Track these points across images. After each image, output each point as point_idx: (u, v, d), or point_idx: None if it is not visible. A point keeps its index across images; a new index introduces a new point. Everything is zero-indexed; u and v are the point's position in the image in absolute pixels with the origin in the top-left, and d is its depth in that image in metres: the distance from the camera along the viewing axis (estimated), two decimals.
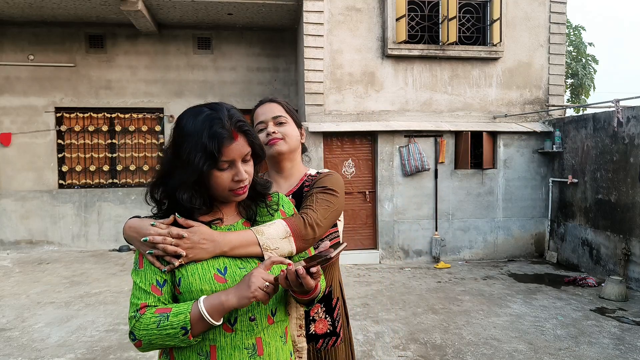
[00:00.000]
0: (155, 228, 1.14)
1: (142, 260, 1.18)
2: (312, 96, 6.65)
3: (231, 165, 1.16)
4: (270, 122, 1.59)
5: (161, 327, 1.07)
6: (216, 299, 1.08)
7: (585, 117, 6.28)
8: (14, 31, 7.66)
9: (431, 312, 4.62)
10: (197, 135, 1.12)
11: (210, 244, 1.14)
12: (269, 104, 1.62)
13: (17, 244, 7.75)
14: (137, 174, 8.10)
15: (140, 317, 1.11)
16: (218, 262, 1.16)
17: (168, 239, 1.11)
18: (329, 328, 1.55)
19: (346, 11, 6.69)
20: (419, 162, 6.59)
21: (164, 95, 8.04)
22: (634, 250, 5.38)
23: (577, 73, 17.73)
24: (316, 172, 1.63)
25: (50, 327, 4.20)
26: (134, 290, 1.17)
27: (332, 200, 1.46)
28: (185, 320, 1.07)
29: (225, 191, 1.17)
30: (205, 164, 1.11)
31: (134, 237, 1.18)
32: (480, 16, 6.98)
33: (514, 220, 7.00)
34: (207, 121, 1.13)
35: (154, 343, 1.10)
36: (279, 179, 1.63)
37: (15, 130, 7.73)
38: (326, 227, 1.40)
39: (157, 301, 1.13)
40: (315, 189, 1.50)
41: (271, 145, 1.55)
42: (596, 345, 3.80)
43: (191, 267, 1.14)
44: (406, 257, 6.79)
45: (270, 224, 1.26)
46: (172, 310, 1.09)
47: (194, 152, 1.11)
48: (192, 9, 7.12)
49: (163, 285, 1.15)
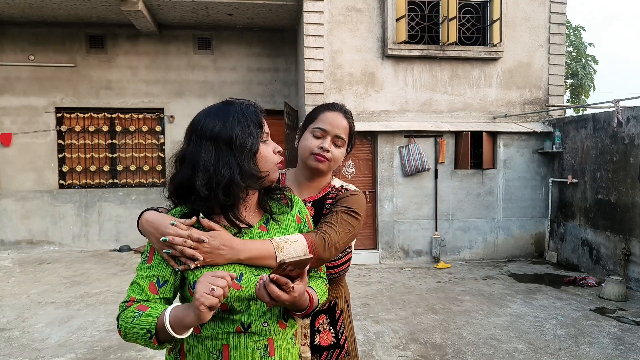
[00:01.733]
0: (175, 228, 1.11)
1: (152, 254, 1.17)
2: (312, 96, 6.65)
3: (268, 139, 1.24)
4: (330, 138, 1.52)
5: (134, 324, 1.08)
6: (179, 312, 1.04)
7: (585, 117, 6.28)
8: (15, 31, 7.66)
9: (431, 312, 4.62)
10: (240, 116, 1.19)
11: (229, 250, 1.14)
12: (341, 118, 1.55)
13: (18, 244, 7.76)
14: (137, 174, 8.10)
15: (125, 309, 1.13)
16: (234, 267, 1.16)
17: (188, 242, 1.10)
18: (333, 340, 1.54)
19: (346, 11, 6.69)
20: (419, 162, 6.59)
21: (165, 96, 8.05)
22: (633, 250, 5.39)
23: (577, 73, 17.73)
24: (340, 185, 1.60)
25: (50, 327, 4.21)
26: (134, 280, 1.18)
27: (354, 224, 1.44)
28: (151, 324, 1.06)
29: (272, 165, 1.22)
30: (258, 136, 1.19)
31: (151, 232, 1.16)
32: (480, 16, 6.98)
33: (514, 220, 7.00)
34: (239, 105, 1.22)
35: (129, 337, 1.10)
36: (304, 185, 1.60)
37: (15, 131, 7.74)
38: (342, 249, 1.40)
39: (147, 300, 1.13)
40: (340, 206, 1.46)
41: (316, 160, 1.51)
42: (596, 345, 3.80)
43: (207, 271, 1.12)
44: (406, 257, 6.80)
45: (292, 240, 1.24)
46: (147, 310, 1.09)
47: (245, 129, 1.17)
48: (192, 9, 7.12)
49: (162, 285, 1.15)
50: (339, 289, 1.58)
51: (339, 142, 1.53)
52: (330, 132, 1.52)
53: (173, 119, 8.04)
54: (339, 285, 1.59)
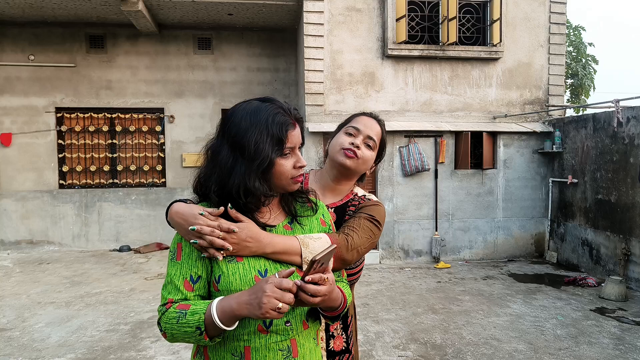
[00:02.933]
0: (204, 218, 1.11)
1: (180, 251, 1.16)
2: (312, 96, 6.65)
3: (292, 153, 1.19)
4: (362, 137, 1.55)
5: (180, 324, 1.07)
6: (227, 306, 1.05)
7: (585, 117, 6.28)
8: (15, 31, 7.66)
9: (431, 312, 4.62)
10: (262, 124, 1.14)
11: (256, 243, 1.14)
12: (375, 123, 1.59)
13: (18, 244, 7.76)
14: (137, 174, 8.10)
15: (165, 311, 1.12)
16: (259, 262, 1.15)
17: (216, 232, 1.10)
18: (344, 345, 1.56)
19: (346, 11, 6.69)
20: (419, 162, 6.59)
21: (165, 96, 8.05)
22: (633, 250, 5.38)
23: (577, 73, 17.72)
24: (363, 194, 1.62)
25: (50, 327, 4.21)
26: (166, 281, 1.16)
27: (375, 232, 1.45)
28: (199, 321, 1.06)
29: (288, 179, 1.18)
30: (274, 150, 1.14)
31: (180, 223, 1.16)
32: (480, 16, 6.98)
33: (514, 220, 7.00)
34: (270, 111, 1.16)
35: (176, 337, 1.10)
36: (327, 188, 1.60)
37: (15, 131, 7.74)
38: (362, 254, 1.40)
39: (184, 298, 1.13)
40: (363, 213, 1.48)
41: (345, 155, 1.53)
42: (596, 345, 3.80)
43: (232, 266, 1.13)
44: (406, 257, 6.80)
45: (317, 238, 1.24)
46: (190, 308, 1.08)
47: (262, 141, 1.13)
48: (192, 9, 7.12)
49: (197, 282, 1.14)
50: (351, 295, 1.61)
51: (370, 143, 1.55)
52: (363, 132, 1.55)
53: (173, 119, 8.04)
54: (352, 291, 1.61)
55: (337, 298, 1.18)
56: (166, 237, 7.86)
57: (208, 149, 1.21)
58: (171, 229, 1.27)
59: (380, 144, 1.60)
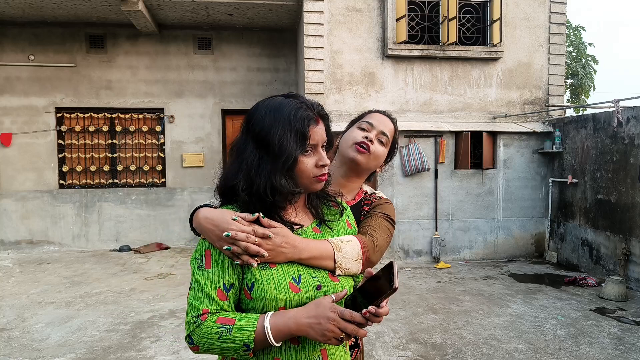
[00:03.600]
0: (237, 224, 1.07)
1: (209, 259, 1.10)
2: (312, 96, 6.65)
3: (314, 150, 1.15)
4: (375, 132, 1.54)
5: (222, 340, 1.03)
6: (284, 325, 1.03)
7: (585, 117, 6.28)
8: (15, 31, 7.67)
9: (431, 312, 4.62)
10: (286, 120, 1.11)
11: (291, 249, 1.11)
12: (388, 120, 1.59)
13: (18, 244, 7.76)
14: (137, 174, 8.10)
15: (200, 324, 1.06)
16: (292, 269, 1.12)
17: (251, 238, 1.06)
18: (353, 341, 1.56)
19: (346, 11, 6.69)
20: (419, 162, 6.59)
21: (165, 96, 8.05)
22: (634, 250, 5.38)
23: (577, 73, 17.72)
24: (372, 192, 1.60)
25: (50, 327, 4.21)
26: (195, 291, 1.09)
27: (391, 231, 1.46)
28: (249, 339, 1.02)
29: (310, 178, 1.15)
30: (298, 146, 1.10)
31: (210, 229, 1.10)
32: (480, 16, 6.98)
33: (514, 220, 7.00)
34: (293, 106, 1.13)
35: (212, 351, 1.07)
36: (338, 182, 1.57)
37: (15, 131, 7.74)
38: (383, 254, 1.38)
39: (220, 308, 1.08)
40: (378, 212, 1.47)
41: (356, 150, 1.51)
42: (596, 345, 3.80)
43: (266, 273, 1.09)
44: (406, 257, 6.80)
45: (347, 241, 1.22)
46: (236, 323, 1.04)
47: (285, 137, 1.09)
48: (192, 9, 7.13)
49: (229, 290, 1.09)
50: None
51: (383, 138, 1.54)
52: (377, 127, 1.55)
53: (173, 119, 8.04)
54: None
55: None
56: (166, 237, 7.86)
57: (233, 147, 1.19)
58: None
59: (393, 141, 1.60)
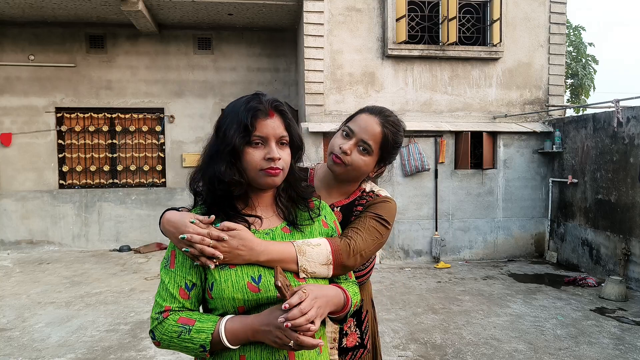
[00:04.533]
0: (194, 226, 1.10)
1: (174, 259, 1.15)
2: (312, 96, 6.65)
3: (264, 144, 1.15)
4: (354, 140, 1.42)
5: (181, 339, 1.07)
6: (241, 332, 1.06)
7: (585, 117, 6.28)
8: (15, 31, 7.66)
9: (431, 312, 4.62)
10: (235, 112, 1.15)
11: (248, 252, 1.10)
12: (374, 123, 1.43)
13: (18, 244, 7.76)
14: (137, 174, 8.10)
15: (162, 321, 1.10)
16: (252, 269, 1.12)
17: (206, 240, 1.07)
18: (358, 341, 1.53)
19: (346, 11, 6.69)
20: (419, 162, 6.59)
21: (165, 96, 8.05)
22: (634, 250, 5.38)
23: (577, 73, 17.71)
24: (371, 189, 1.52)
25: (50, 327, 4.21)
26: (160, 289, 1.14)
27: (382, 232, 1.37)
28: (206, 340, 1.06)
29: (256, 170, 1.14)
30: (239, 136, 1.11)
31: (171, 231, 1.15)
32: (480, 16, 6.98)
33: (514, 220, 7.00)
34: (246, 99, 1.17)
35: (172, 347, 1.11)
36: (333, 186, 1.51)
37: (15, 131, 7.74)
38: (368, 257, 1.33)
39: (182, 306, 1.12)
40: (369, 212, 1.39)
41: (333, 162, 1.43)
42: (596, 345, 3.80)
43: (225, 273, 1.10)
44: (406, 257, 6.80)
45: (315, 244, 1.19)
46: (195, 324, 1.07)
47: (230, 127, 1.13)
48: (192, 9, 7.12)
49: (192, 289, 1.13)
50: (364, 292, 1.56)
51: (365, 147, 1.41)
52: (357, 135, 1.42)
53: (173, 119, 8.04)
54: (365, 287, 1.57)
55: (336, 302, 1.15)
56: (166, 237, 7.85)
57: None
58: None
59: (382, 147, 1.44)
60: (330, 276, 1.23)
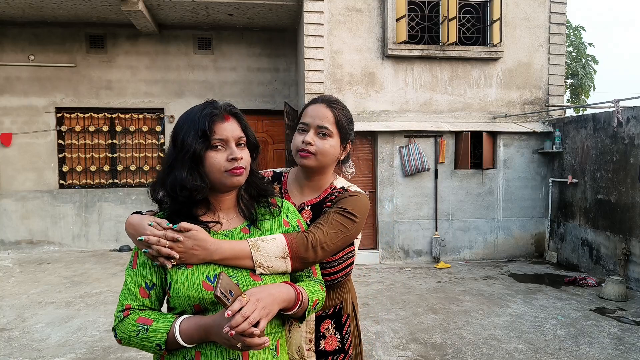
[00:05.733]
0: (151, 228, 1.15)
1: (136, 259, 1.21)
2: (312, 96, 6.64)
3: (225, 146, 1.19)
4: (312, 130, 1.45)
5: (139, 338, 1.12)
6: (195, 331, 1.10)
7: (585, 117, 6.28)
8: (15, 31, 7.67)
9: (431, 312, 4.62)
10: (190, 119, 1.19)
11: (202, 251, 1.15)
12: (322, 108, 1.46)
13: (18, 244, 7.76)
14: (137, 174, 8.10)
15: (123, 319, 1.16)
16: (208, 268, 1.16)
17: (162, 241, 1.12)
18: (338, 345, 1.51)
19: (346, 11, 6.69)
20: (419, 162, 6.59)
21: (165, 96, 8.05)
22: (634, 250, 5.39)
23: (577, 73, 17.70)
24: (342, 186, 1.54)
25: (50, 327, 4.21)
26: (123, 288, 1.20)
27: (347, 225, 1.37)
28: (161, 340, 1.11)
29: (221, 172, 1.18)
30: (199, 142, 1.15)
31: (132, 233, 1.21)
32: (480, 16, 6.98)
33: (514, 220, 7.00)
34: (199, 107, 1.21)
35: (132, 345, 1.16)
36: (304, 185, 1.54)
37: (15, 131, 7.74)
38: (332, 251, 1.35)
39: (142, 305, 1.17)
40: (334, 207, 1.41)
41: (301, 157, 1.46)
42: (596, 345, 3.80)
43: (181, 273, 1.15)
44: (406, 257, 6.80)
45: (270, 239, 1.22)
46: (152, 324, 1.12)
47: (187, 134, 1.16)
48: (192, 9, 7.12)
49: (151, 289, 1.18)
50: (343, 293, 1.54)
51: (324, 131, 1.45)
52: (312, 124, 1.45)
53: (173, 119, 8.04)
54: (344, 289, 1.55)
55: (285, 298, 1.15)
56: None
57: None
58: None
59: (338, 127, 1.47)
60: (289, 270, 1.25)
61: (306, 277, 1.32)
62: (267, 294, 1.10)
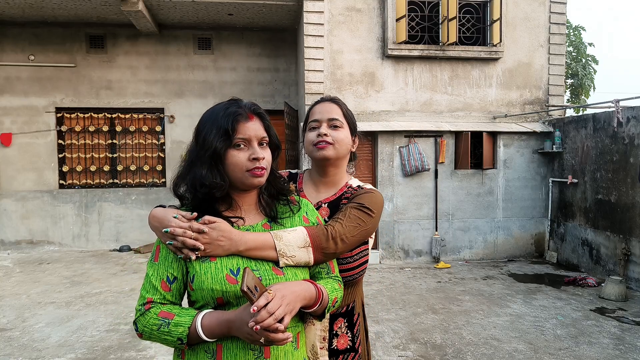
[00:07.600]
0: (177, 220, 1.16)
1: (158, 253, 1.21)
2: (313, 96, 6.65)
3: (247, 145, 1.20)
4: (325, 124, 1.52)
5: (161, 332, 1.13)
6: (217, 326, 1.10)
7: (585, 117, 6.28)
8: (15, 31, 7.67)
9: (431, 312, 4.62)
10: (214, 118, 1.20)
11: (227, 242, 1.16)
12: (328, 104, 1.56)
13: (18, 244, 7.76)
14: (137, 174, 8.10)
15: (144, 312, 1.16)
16: (231, 261, 1.16)
17: (188, 233, 1.13)
18: (349, 344, 1.53)
19: (346, 11, 6.69)
20: (419, 162, 6.59)
21: (165, 96, 8.05)
22: (633, 250, 5.39)
23: (577, 73, 17.70)
24: (357, 185, 1.58)
25: (50, 327, 4.21)
26: (145, 281, 1.20)
27: (365, 219, 1.41)
28: (183, 334, 1.11)
29: (242, 171, 1.19)
30: (220, 140, 1.16)
31: (156, 226, 1.21)
32: (480, 16, 6.98)
33: (514, 220, 7.00)
34: (224, 105, 1.23)
35: (152, 339, 1.16)
36: (319, 183, 1.59)
37: (15, 131, 7.74)
38: (351, 244, 1.37)
39: (163, 298, 1.18)
40: (351, 203, 1.45)
41: (318, 149, 1.50)
42: (596, 345, 3.80)
43: (205, 266, 1.15)
44: (406, 257, 6.80)
45: (291, 230, 1.25)
46: (174, 318, 1.12)
47: (210, 132, 1.18)
48: (192, 9, 7.13)
49: (173, 282, 1.18)
50: (356, 293, 1.56)
51: (336, 123, 1.52)
52: (322, 119, 1.53)
53: (173, 119, 8.04)
54: (356, 289, 1.57)
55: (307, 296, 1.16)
56: None
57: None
58: None
59: (347, 119, 1.57)
60: (312, 262, 1.25)
61: (325, 274, 1.34)
62: (291, 291, 1.11)
